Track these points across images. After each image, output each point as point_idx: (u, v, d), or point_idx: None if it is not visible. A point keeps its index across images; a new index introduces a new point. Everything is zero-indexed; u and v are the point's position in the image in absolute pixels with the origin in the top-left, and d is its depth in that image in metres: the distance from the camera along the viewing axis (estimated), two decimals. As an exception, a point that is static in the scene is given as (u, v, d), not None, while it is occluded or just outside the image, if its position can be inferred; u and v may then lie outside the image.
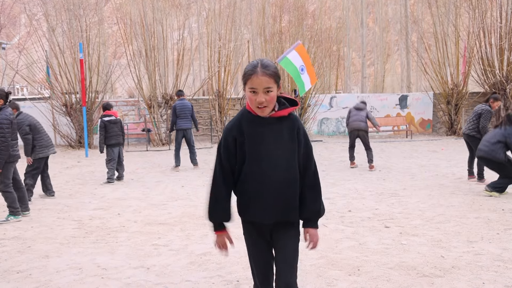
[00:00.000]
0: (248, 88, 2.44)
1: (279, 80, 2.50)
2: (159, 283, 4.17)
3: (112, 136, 9.60)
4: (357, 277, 4.21)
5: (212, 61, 17.58)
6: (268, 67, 2.45)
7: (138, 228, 6.11)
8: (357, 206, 7.11)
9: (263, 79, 2.40)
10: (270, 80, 2.42)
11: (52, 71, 16.54)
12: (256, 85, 2.41)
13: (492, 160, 7.48)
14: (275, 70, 2.47)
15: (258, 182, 2.55)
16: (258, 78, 2.40)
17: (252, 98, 2.44)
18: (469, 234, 5.50)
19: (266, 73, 2.42)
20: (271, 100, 2.46)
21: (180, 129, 11.16)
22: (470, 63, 18.24)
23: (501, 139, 7.44)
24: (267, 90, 2.43)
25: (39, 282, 4.26)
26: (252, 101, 2.45)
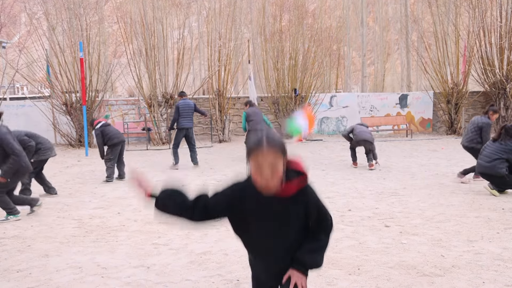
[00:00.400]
0: (253, 164, 2.25)
1: (286, 152, 2.31)
2: (159, 282, 4.18)
3: (113, 137, 9.61)
4: (357, 277, 4.21)
5: (212, 60, 17.57)
6: (274, 141, 2.24)
7: (138, 227, 6.11)
8: (357, 205, 7.11)
9: (269, 156, 2.21)
10: (276, 156, 2.22)
11: (52, 70, 16.53)
12: (262, 162, 2.21)
13: (494, 175, 7.47)
14: (281, 144, 2.28)
15: (259, 253, 2.47)
16: (264, 156, 2.20)
17: (257, 174, 2.25)
18: (469, 233, 5.50)
19: (273, 149, 2.22)
20: (278, 176, 2.25)
21: (183, 128, 11.19)
22: (470, 62, 18.22)
23: (502, 155, 7.42)
24: (273, 167, 2.22)
25: (39, 281, 4.26)
26: (257, 177, 2.26)
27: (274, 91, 18.34)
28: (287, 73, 18.13)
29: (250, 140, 2.31)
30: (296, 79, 18.00)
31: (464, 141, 8.91)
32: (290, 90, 17.98)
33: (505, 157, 7.38)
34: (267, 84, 18.52)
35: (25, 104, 17.55)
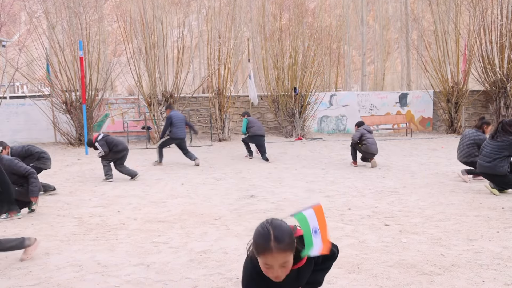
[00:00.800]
0: (262, 262, 2.21)
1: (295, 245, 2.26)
2: (159, 281, 4.18)
3: (118, 144, 9.61)
4: (357, 275, 4.22)
5: (212, 59, 17.56)
6: (283, 240, 2.19)
7: (138, 225, 6.12)
8: (357, 204, 7.11)
9: (279, 256, 2.16)
10: (286, 255, 2.19)
11: (52, 68, 16.52)
12: (271, 263, 2.18)
13: (495, 174, 7.47)
14: (290, 239, 2.23)
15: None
16: (273, 256, 2.16)
17: (267, 271, 2.23)
18: (469, 232, 5.51)
19: (282, 249, 2.17)
20: (288, 270, 2.26)
21: (178, 138, 11.46)
22: (470, 61, 18.20)
23: (503, 153, 7.40)
24: (284, 264, 2.20)
25: (39, 279, 4.27)
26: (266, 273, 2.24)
27: (274, 89, 18.34)
28: (287, 72, 18.12)
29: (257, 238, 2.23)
30: (296, 78, 18.00)
31: (461, 157, 8.82)
32: (290, 89, 17.98)
33: (506, 154, 7.36)
34: (266, 82, 18.52)
35: (25, 103, 17.55)
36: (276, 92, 18.26)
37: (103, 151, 9.44)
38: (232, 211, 6.80)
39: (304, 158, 12.55)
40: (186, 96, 18.17)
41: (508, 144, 7.32)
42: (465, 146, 8.77)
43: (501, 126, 7.49)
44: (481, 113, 19.41)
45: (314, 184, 8.77)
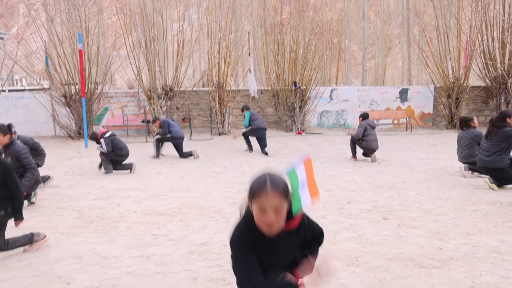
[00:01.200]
0: (257, 206, 2.22)
1: (289, 195, 2.30)
2: (159, 272, 4.20)
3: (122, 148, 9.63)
4: (356, 268, 4.24)
5: (212, 53, 17.53)
6: (278, 184, 2.23)
7: (138, 218, 6.14)
8: (356, 198, 7.13)
9: (273, 198, 2.18)
10: (280, 199, 2.20)
11: (51, 61, 16.48)
12: (265, 205, 2.19)
13: (494, 169, 7.48)
14: (285, 186, 2.27)
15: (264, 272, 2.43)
16: (268, 197, 2.18)
17: (260, 217, 2.23)
18: (467, 226, 5.53)
19: (277, 192, 2.20)
20: (281, 219, 2.26)
21: (179, 137, 11.66)
22: (471, 57, 18.17)
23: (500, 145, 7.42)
24: (277, 210, 2.21)
25: (40, 271, 4.29)
26: (260, 221, 2.24)
27: (274, 84, 18.32)
28: (287, 66, 18.09)
29: (254, 182, 2.28)
30: (296, 72, 17.97)
31: (462, 158, 8.82)
32: (290, 83, 17.95)
33: (505, 145, 7.36)
34: (267, 77, 18.50)
35: (24, 96, 17.53)
36: (277, 86, 18.24)
37: (105, 150, 9.44)
38: (231, 204, 6.82)
39: (304, 152, 12.56)
40: (186, 90, 18.16)
41: (504, 136, 7.35)
42: (464, 147, 8.76)
43: (491, 125, 7.54)
44: (482, 109, 19.42)
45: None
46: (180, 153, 11.73)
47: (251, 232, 2.33)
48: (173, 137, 11.62)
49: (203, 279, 4.02)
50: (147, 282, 3.97)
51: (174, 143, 11.70)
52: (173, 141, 11.66)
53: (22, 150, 6.47)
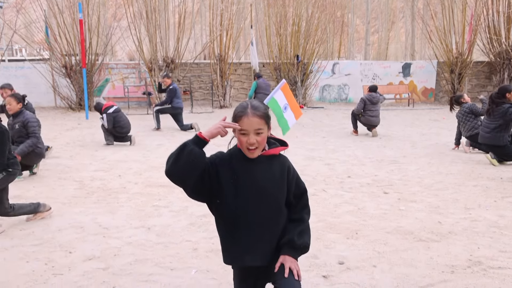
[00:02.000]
0: (239, 129, 2.37)
1: (269, 120, 2.44)
2: (160, 243, 4.24)
3: (123, 126, 9.53)
4: (355, 241, 4.27)
5: (214, 25, 17.34)
6: (258, 108, 2.39)
7: (139, 189, 6.17)
8: (357, 172, 7.15)
9: (254, 120, 2.35)
10: (261, 122, 2.36)
11: (51, 31, 16.31)
12: (247, 127, 2.34)
13: (494, 145, 7.48)
14: (265, 111, 2.43)
15: (246, 221, 2.42)
16: (249, 119, 2.34)
17: (242, 139, 2.38)
18: (467, 201, 5.55)
19: (257, 114, 2.36)
20: (262, 141, 2.39)
21: (179, 108, 11.66)
22: (476, 31, 17.97)
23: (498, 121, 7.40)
24: (258, 132, 2.36)
25: (42, 239, 4.33)
26: (242, 143, 2.38)
27: (276, 57, 18.17)
28: (289, 39, 17.91)
29: (236, 108, 2.43)
30: (299, 46, 17.81)
31: (466, 131, 8.76)
32: (293, 57, 17.81)
33: (501, 122, 7.37)
34: (269, 50, 18.34)
35: (24, 66, 17.41)
36: (279, 59, 18.10)
37: (106, 126, 9.40)
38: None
39: (305, 126, 12.54)
40: (188, 62, 18.03)
41: (501, 113, 7.35)
42: (465, 122, 8.75)
43: (490, 101, 7.53)
44: (485, 85, 19.30)
45: (315, 152, 8.79)
46: (180, 124, 11.69)
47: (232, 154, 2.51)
48: (173, 107, 11.59)
49: (204, 250, 4.06)
50: (148, 252, 4.01)
51: (173, 113, 11.67)
52: (173, 111, 11.64)
53: (32, 119, 6.60)
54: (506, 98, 7.44)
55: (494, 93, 7.58)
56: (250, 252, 2.42)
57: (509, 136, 7.46)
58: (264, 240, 2.44)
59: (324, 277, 3.52)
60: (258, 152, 2.41)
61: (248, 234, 2.41)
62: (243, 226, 2.42)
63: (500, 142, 7.40)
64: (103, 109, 9.48)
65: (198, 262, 3.81)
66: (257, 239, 2.43)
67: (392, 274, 3.57)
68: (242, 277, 2.60)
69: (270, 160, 2.48)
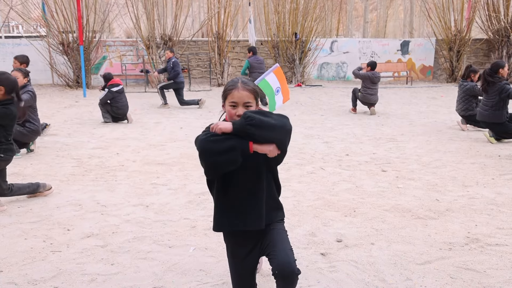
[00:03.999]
0: (229, 102, 2.49)
1: (258, 97, 2.58)
2: (158, 220, 4.25)
3: (120, 107, 9.47)
4: (353, 218, 4.29)
5: (212, 2, 17.14)
6: (248, 83, 2.54)
7: (137, 167, 6.16)
8: (355, 150, 7.15)
9: (244, 94, 2.48)
10: (250, 95, 2.49)
11: (48, 8, 16.11)
12: (237, 99, 2.47)
13: (494, 123, 7.47)
14: (254, 87, 2.57)
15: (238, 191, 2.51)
16: (239, 92, 2.47)
17: (232, 112, 2.48)
18: (465, 179, 5.57)
19: (247, 88, 2.50)
20: None
21: (181, 82, 11.64)
22: (475, 9, 17.83)
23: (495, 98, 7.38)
24: (247, 105, 2.48)
25: (40, 217, 4.33)
26: (231, 115, 2.48)
27: (275, 35, 18.01)
28: (287, 17, 17.73)
29: (227, 83, 2.57)
30: (297, 23, 17.64)
31: (459, 110, 8.79)
32: (291, 34, 17.66)
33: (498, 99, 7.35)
34: (267, 27, 18.17)
35: (21, 43, 17.23)
36: (277, 37, 17.94)
37: (101, 100, 9.40)
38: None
39: (303, 104, 12.51)
40: (185, 39, 17.87)
41: (497, 90, 7.34)
42: (460, 100, 8.74)
43: (483, 78, 7.53)
44: (483, 62, 19.20)
45: (313, 130, 8.78)
46: (180, 98, 11.63)
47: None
48: (176, 82, 11.56)
49: (202, 228, 4.07)
50: (146, 230, 4.03)
51: (177, 88, 11.62)
52: (176, 86, 11.60)
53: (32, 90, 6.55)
54: (499, 74, 7.42)
55: (487, 70, 7.54)
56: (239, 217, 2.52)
57: (507, 113, 7.45)
58: (251, 205, 2.53)
59: (322, 255, 3.54)
60: None
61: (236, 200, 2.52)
62: (231, 193, 2.52)
63: (499, 119, 7.39)
64: (109, 84, 9.44)
65: (196, 240, 3.82)
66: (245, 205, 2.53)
67: (390, 251, 3.59)
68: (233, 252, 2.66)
69: None
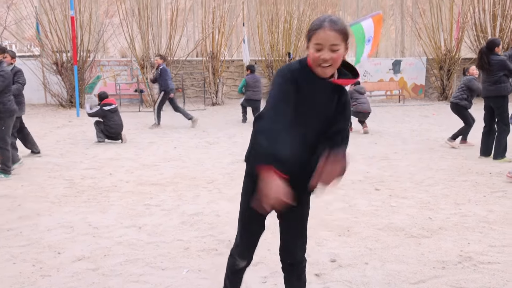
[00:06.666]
0: (313, 43, 2.18)
1: (347, 39, 2.23)
2: (151, 242, 4.21)
3: (113, 126, 9.48)
4: (347, 238, 4.28)
5: (206, 22, 17.30)
6: (337, 22, 2.19)
7: (130, 188, 6.13)
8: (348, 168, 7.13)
9: (331, 34, 2.15)
10: (338, 36, 2.17)
11: (42, 28, 16.19)
12: (322, 40, 2.16)
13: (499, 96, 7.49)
14: (344, 27, 2.21)
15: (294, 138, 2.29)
16: (325, 32, 2.15)
17: (316, 55, 2.18)
18: (457, 196, 5.58)
19: (334, 28, 2.16)
20: (337, 59, 2.21)
21: (172, 89, 11.53)
22: (463, 29, 18.16)
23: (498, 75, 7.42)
24: (334, 48, 2.17)
25: (30, 240, 4.28)
26: (315, 59, 2.19)
27: (268, 54, 18.17)
28: (281, 37, 17.92)
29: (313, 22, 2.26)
30: (291, 43, 17.83)
31: (452, 97, 9.05)
32: (284, 54, 17.81)
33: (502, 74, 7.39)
34: (261, 47, 18.33)
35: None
36: (271, 57, 18.09)
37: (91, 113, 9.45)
38: (224, 175, 6.82)
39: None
40: (180, 59, 17.97)
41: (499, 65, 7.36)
42: (458, 89, 8.97)
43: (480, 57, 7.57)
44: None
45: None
46: (174, 106, 11.60)
47: (302, 69, 2.29)
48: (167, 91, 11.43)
49: (195, 249, 4.04)
50: (139, 252, 3.99)
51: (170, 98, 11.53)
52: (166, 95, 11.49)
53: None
54: (495, 51, 7.50)
55: (484, 48, 7.61)
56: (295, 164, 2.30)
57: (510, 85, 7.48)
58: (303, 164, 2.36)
59: (316, 275, 3.52)
60: (331, 71, 2.25)
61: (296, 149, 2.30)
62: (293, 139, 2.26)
63: (505, 92, 7.43)
64: (103, 102, 9.46)
65: (190, 262, 3.79)
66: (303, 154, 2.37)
67: (383, 271, 3.58)
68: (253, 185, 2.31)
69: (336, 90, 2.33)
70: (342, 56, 2.24)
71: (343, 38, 2.18)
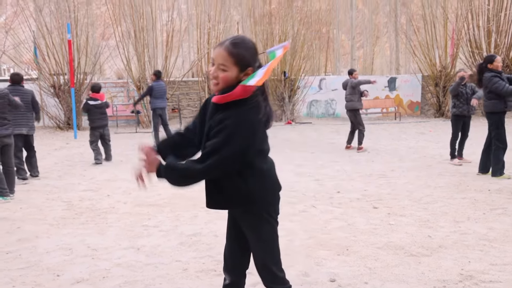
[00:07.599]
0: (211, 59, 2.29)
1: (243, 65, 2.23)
2: (150, 263, 4.20)
3: (95, 120, 9.69)
4: (346, 257, 4.27)
5: (202, 43, 17.45)
6: (236, 45, 2.20)
7: (128, 209, 6.12)
8: (346, 187, 7.16)
9: (221, 53, 2.19)
10: (227, 58, 2.19)
11: (39, 51, 16.31)
12: (214, 57, 2.24)
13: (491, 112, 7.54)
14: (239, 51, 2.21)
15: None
16: (218, 50, 2.21)
17: (209, 69, 2.28)
18: (456, 214, 5.58)
19: (227, 49, 2.19)
20: (223, 79, 2.23)
21: (157, 108, 11.36)
22: (458, 45, 18.32)
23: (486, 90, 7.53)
24: (221, 67, 2.21)
25: (29, 263, 4.26)
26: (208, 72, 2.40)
27: (264, 74, 18.25)
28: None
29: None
30: (286, 62, 17.95)
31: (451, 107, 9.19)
32: (280, 73, 17.93)
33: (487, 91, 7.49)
34: (256, 66, 18.44)
35: (12, 86, 17.28)
36: (266, 76, 18.18)
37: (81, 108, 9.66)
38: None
39: (293, 142, 12.58)
40: (176, 80, 18.07)
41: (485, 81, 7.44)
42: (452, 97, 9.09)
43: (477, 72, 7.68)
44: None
45: (303, 168, 8.81)
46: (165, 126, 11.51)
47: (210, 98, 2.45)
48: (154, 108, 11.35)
49: (194, 270, 4.03)
50: (137, 273, 3.97)
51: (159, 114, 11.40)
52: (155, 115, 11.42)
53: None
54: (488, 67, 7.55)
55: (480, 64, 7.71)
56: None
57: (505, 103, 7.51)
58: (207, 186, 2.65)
59: (315, 295, 3.50)
60: (218, 89, 2.30)
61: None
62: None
63: (497, 108, 7.46)
64: (91, 95, 9.71)
65: (189, 283, 3.77)
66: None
67: (383, 289, 3.57)
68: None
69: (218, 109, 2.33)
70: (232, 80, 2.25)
71: (235, 61, 2.20)
